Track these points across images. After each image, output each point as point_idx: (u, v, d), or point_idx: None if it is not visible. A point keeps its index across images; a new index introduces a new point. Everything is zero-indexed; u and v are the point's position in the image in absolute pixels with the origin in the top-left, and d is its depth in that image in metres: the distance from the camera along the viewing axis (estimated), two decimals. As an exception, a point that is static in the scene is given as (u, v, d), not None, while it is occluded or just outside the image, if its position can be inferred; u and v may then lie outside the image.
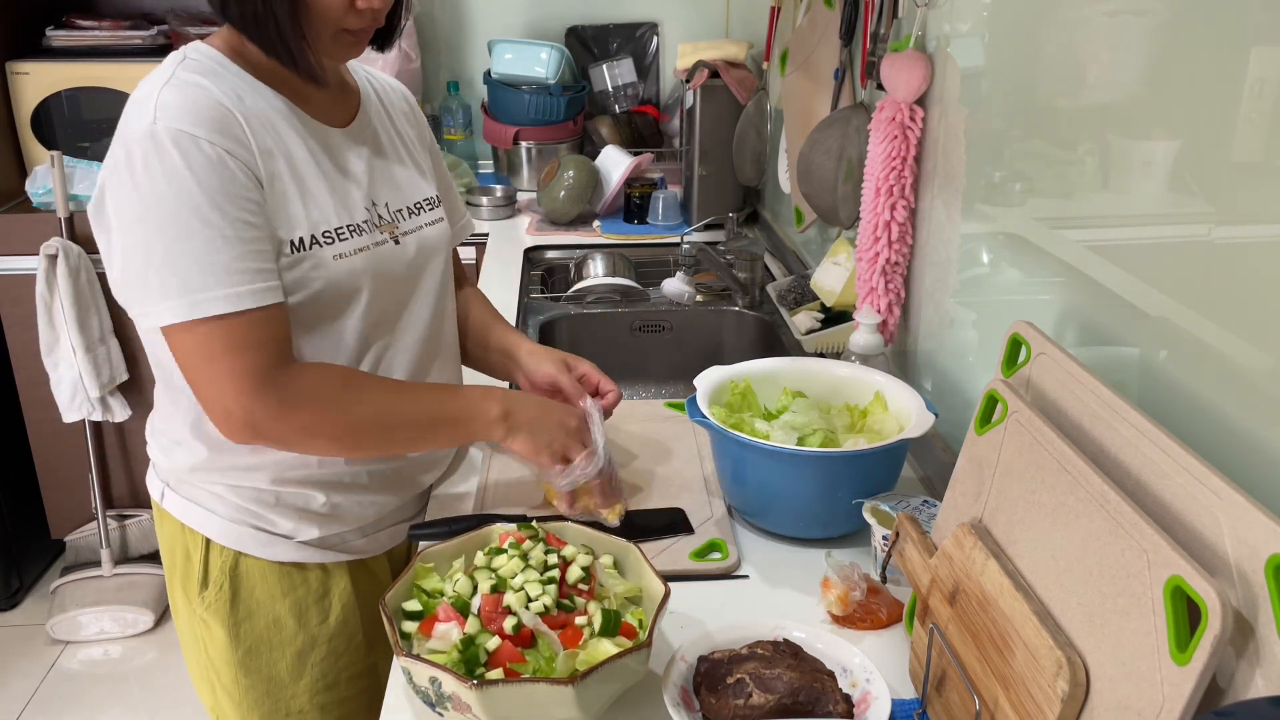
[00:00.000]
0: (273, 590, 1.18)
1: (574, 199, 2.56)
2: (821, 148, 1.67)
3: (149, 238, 0.98)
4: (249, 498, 1.15)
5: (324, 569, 1.21)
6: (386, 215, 1.16)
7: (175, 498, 1.18)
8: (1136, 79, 0.95)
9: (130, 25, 2.65)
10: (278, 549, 1.17)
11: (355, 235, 1.11)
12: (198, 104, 1.00)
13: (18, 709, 2.35)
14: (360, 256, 1.11)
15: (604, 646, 0.87)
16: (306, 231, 1.06)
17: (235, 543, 1.16)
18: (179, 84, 1.02)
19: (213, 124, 1.00)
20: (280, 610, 1.19)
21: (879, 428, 1.22)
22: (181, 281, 0.98)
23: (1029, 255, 1.17)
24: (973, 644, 0.82)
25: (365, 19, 1.05)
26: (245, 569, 1.17)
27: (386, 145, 1.21)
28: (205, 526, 1.16)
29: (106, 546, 2.60)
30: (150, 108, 0.99)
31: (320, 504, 1.17)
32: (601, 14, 3.04)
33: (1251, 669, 0.62)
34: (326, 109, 1.14)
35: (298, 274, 1.05)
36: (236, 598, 1.17)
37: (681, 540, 1.18)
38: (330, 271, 1.08)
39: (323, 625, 1.21)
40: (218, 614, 1.18)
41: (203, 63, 1.06)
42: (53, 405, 2.50)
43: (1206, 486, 0.68)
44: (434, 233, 1.23)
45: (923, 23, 1.41)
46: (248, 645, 1.19)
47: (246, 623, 1.18)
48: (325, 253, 1.07)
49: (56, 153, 2.40)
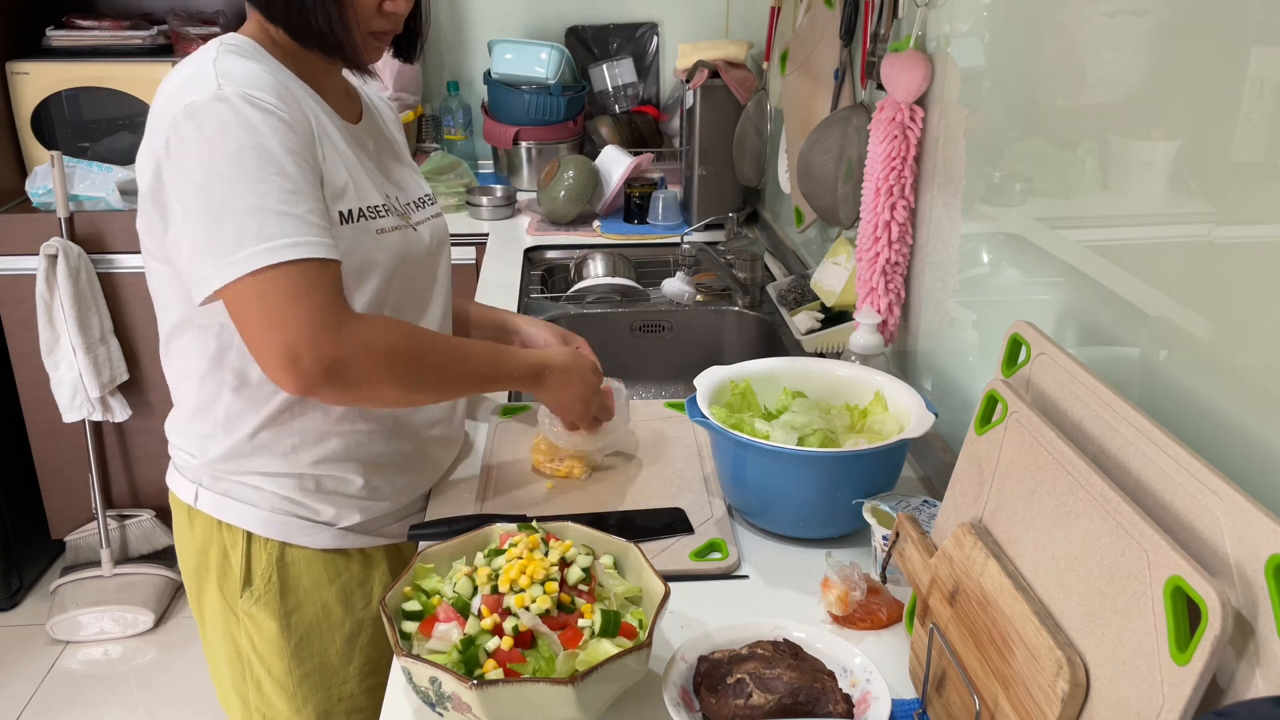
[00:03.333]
0: (319, 578, 1.21)
1: (574, 199, 2.56)
2: (821, 148, 1.67)
3: (226, 193, 0.99)
4: (289, 486, 1.17)
5: (364, 554, 1.24)
6: (400, 205, 1.21)
7: (211, 496, 1.19)
8: (1136, 79, 0.95)
9: (130, 25, 2.65)
10: (320, 536, 1.20)
11: (391, 215, 1.16)
12: (257, 75, 1.04)
13: (18, 709, 2.35)
14: (396, 234, 1.16)
15: (604, 647, 0.87)
16: (355, 204, 1.11)
17: (279, 533, 1.18)
18: (232, 61, 1.05)
19: (275, 93, 1.04)
20: (328, 597, 1.22)
21: (879, 428, 1.22)
22: (259, 228, 0.99)
23: (1029, 255, 1.17)
24: (973, 644, 0.82)
25: (390, 22, 1.11)
26: (291, 559, 1.19)
27: (386, 145, 1.26)
28: (246, 520, 1.18)
29: (106, 546, 2.60)
30: (212, 76, 1.02)
31: (359, 487, 1.20)
32: (601, 14, 3.04)
33: (1251, 669, 0.62)
34: (342, 105, 1.18)
35: (347, 244, 1.08)
36: (286, 588, 1.20)
37: (681, 540, 1.18)
38: (375, 244, 1.12)
39: (366, 610, 1.25)
40: (268, 607, 1.20)
41: (243, 48, 1.09)
42: (53, 405, 2.50)
43: (1206, 486, 0.68)
44: (440, 225, 1.29)
45: (923, 23, 1.41)
46: (300, 634, 1.22)
47: (297, 612, 1.21)
48: (371, 225, 1.12)
49: (56, 153, 2.40)
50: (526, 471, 1.33)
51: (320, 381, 1.01)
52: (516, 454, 1.38)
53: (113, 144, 2.59)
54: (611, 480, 1.31)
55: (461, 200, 2.71)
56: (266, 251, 0.98)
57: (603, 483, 1.31)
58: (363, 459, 1.20)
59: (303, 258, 0.99)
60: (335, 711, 1.26)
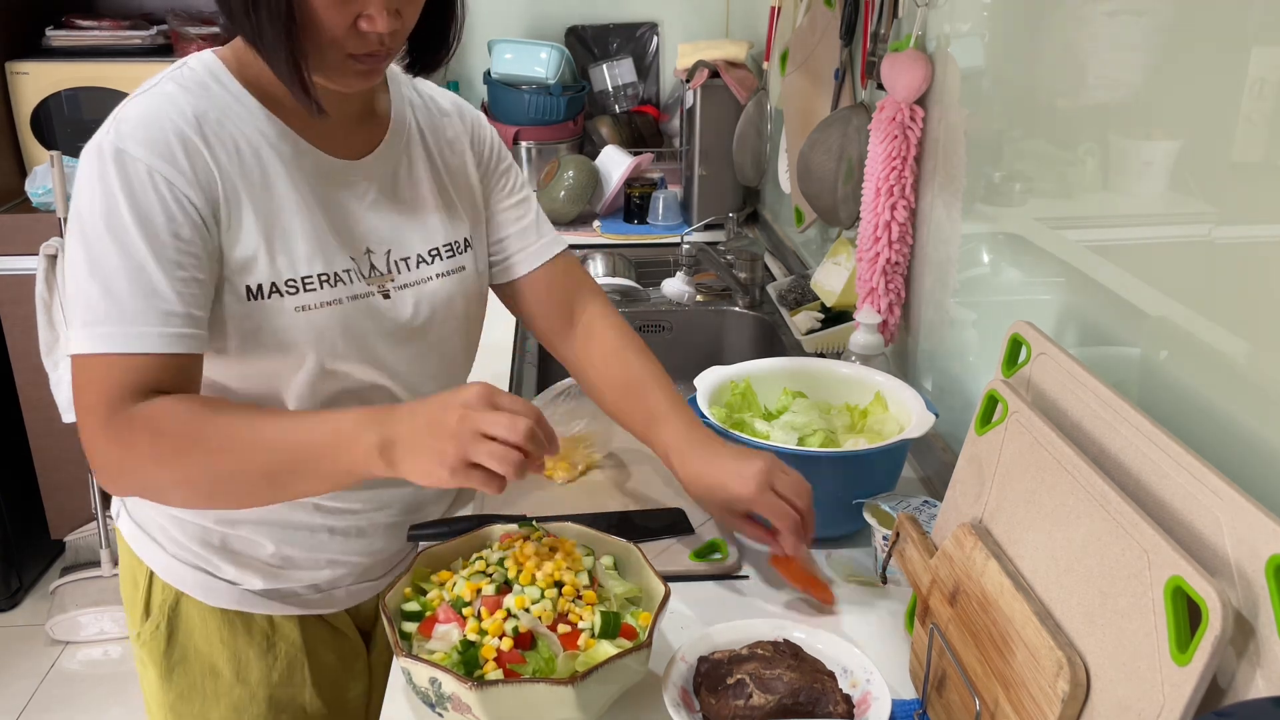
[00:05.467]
0: (211, 637, 1.10)
1: (574, 199, 2.56)
2: (821, 148, 1.67)
3: (76, 254, 0.90)
4: (193, 536, 1.07)
5: (270, 621, 1.11)
6: (382, 265, 1.03)
7: (128, 522, 1.12)
8: (1136, 79, 0.95)
9: (130, 25, 2.65)
10: (220, 595, 1.09)
11: (326, 286, 0.98)
12: (158, 123, 0.92)
13: (18, 709, 2.35)
14: (327, 311, 0.98)
15: (604, 647, 0.87)
16: (267, 279, 0.95)
17: (177, 581, 1.09)
18: (154, 96, 0.94)
19: (163, 149, 0.91)
20: (218, 660, 1.11)
21: (879, 428, 1.22)
22: (86, 305, 0.89)
23: (1029, 255, 1.17)
24: (973, 644, 0.82)
25: (370, 44, 0.91)
26: (185, 610, 1.09)
27: (406, 182, 1.07)
28: (151, 559, 1.10)
29: (106, 547, 2.60)
30: (111, 120, 0.93)
31: (269, 554, 1.07)
32: (601, 14, 3.04)
33: (1252, 669, 0.62)
34: (336, 138, 1.02)
35: (250, 322, 0.95)
36: (173, 639, 1.10)
37: (681, 540, 1.17)
38: (286, 322, 0.96)
39: (263, 682, 1.12)
40: (152, 652, 1.11)
41: (196, 75, 0.97)
42: (53, 405, 2.49)
43: (1206, 486, 0.68)
44: (445, 285, 1.08)
45: (923, 23, 1.40)
46: (179, 690, 1.12)
47: (180, 666, 1.11)
48: (286, 303, 0.96)
49: (56, 153, 2.40)
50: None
51: (104, 481, 0.94)
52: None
53: (113, 144, 2.59)
54: (611, 480, 1.31)
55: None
56: (81, 338, 0.90)
57: (603, 483, 1.31)
58: (277, 524, 1.07)
59: (104, 351, 0.89)
60: None
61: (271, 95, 0.98)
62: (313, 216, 0.98)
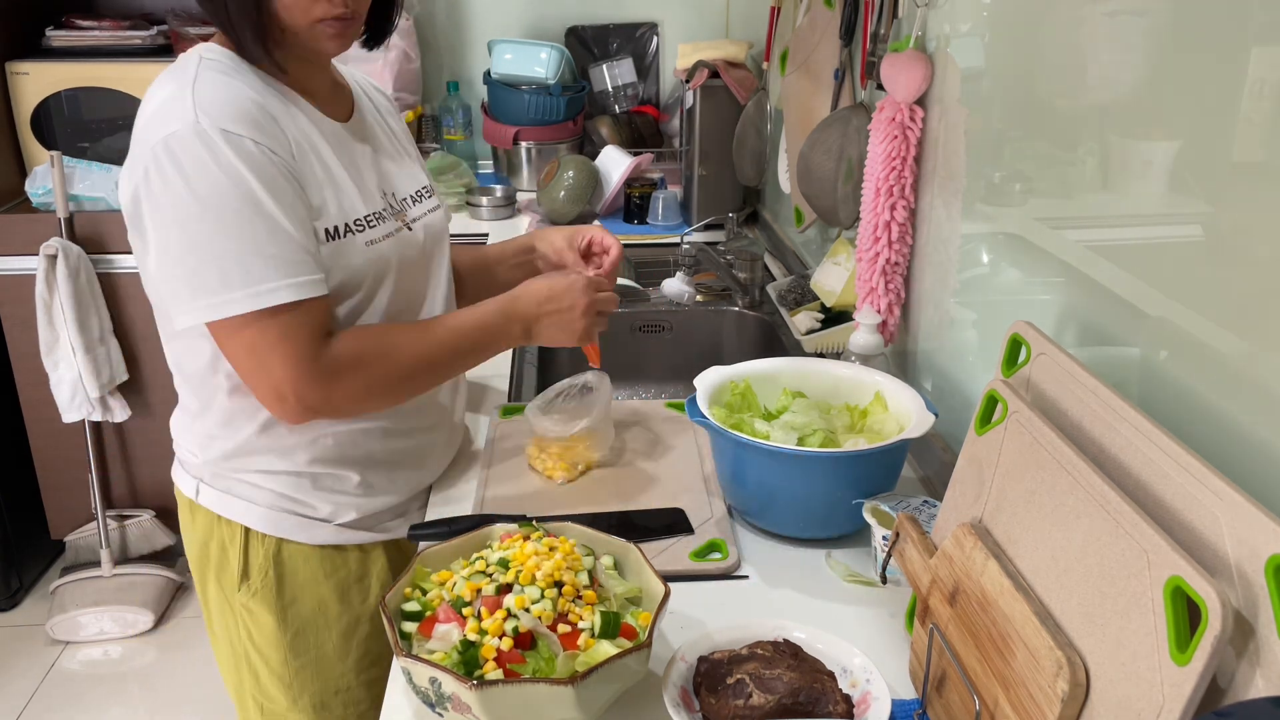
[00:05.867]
0: (315, 573, 1.22)
1: (574, 199, 2.56)
2: (821, 148, 1.67)
3: (207, 234, 1.00)
4: (286, 484, 1.18)
5: (362, 550, 1.25)
6: (395, 204, 1.20)
7: (211, 492, 1.20)
8: (1136, 79, 0.95)
9: (130, 25, 2.65)
10: (317, 532, 1.21)
11: (380, 223, 1.15)
12: (236, 102, 1.03)
13: (18, 709, 2.35)
14: (388, 243, 1.15)
15: (604, 647, 0.87)
16: (340, 220, 1.10)
17: (276, 529, 1.20)
18: (210, 84, 1.04)
19: (252, 122, 1.02)
20: (324, 592, 1.23)
21: (879, 428, 1.22)
22: (244, 273, 1.00)
23: (1029, 255, 1.17)
24: (973, 644, 0.82)
25: (337, 6, 1.04)
26: (288, 555, 1.21)
27: (383, 138, 1.25)
28: (245, 517, 1.19)
29: (106, 547, 2.60)
30: (189, 107, 1.01)
31: (355, 484, 1.21)
32: (601, 14, 3.04)
33: (1251, 669, 0.62)
34: (330, 104, 1.16)
35: (333, 261, 1.09)
36: (282, 583, 1.21)
37: (681, 540, 1.17)
38: (364, 257, 1.12)
39: (364, 604, 1.26)
40: (264, 601, 1.21)
41: (222, 62, 1.07)
42: (53, 405, 2.50)
43: (1206, 487, 0.68)
44: (437, 219, 1.27)
45: (923, 23, 1.41)
46: (296, 628, 1.23)
47: (293, 607, 1.22)
48: (358, 239, 1.11)
49: (56, 153, 2.40)
50: (526, 471, 1.33)
51: (307, 417, 1.09)
52: (516, 453, 1.37)
53: (112, 144, 2.59)
54: (611, 480, 1.31)
55: (461, 200, 2.71)
56: (250, 297, 1.01)
57: (603, 483, 1.31)
58: (358, 457, 1.20)
59: (284, 302, 1.02)
60: (332, 703, 1.28)
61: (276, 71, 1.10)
62: (347, 168, 1.13)
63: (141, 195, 1.03)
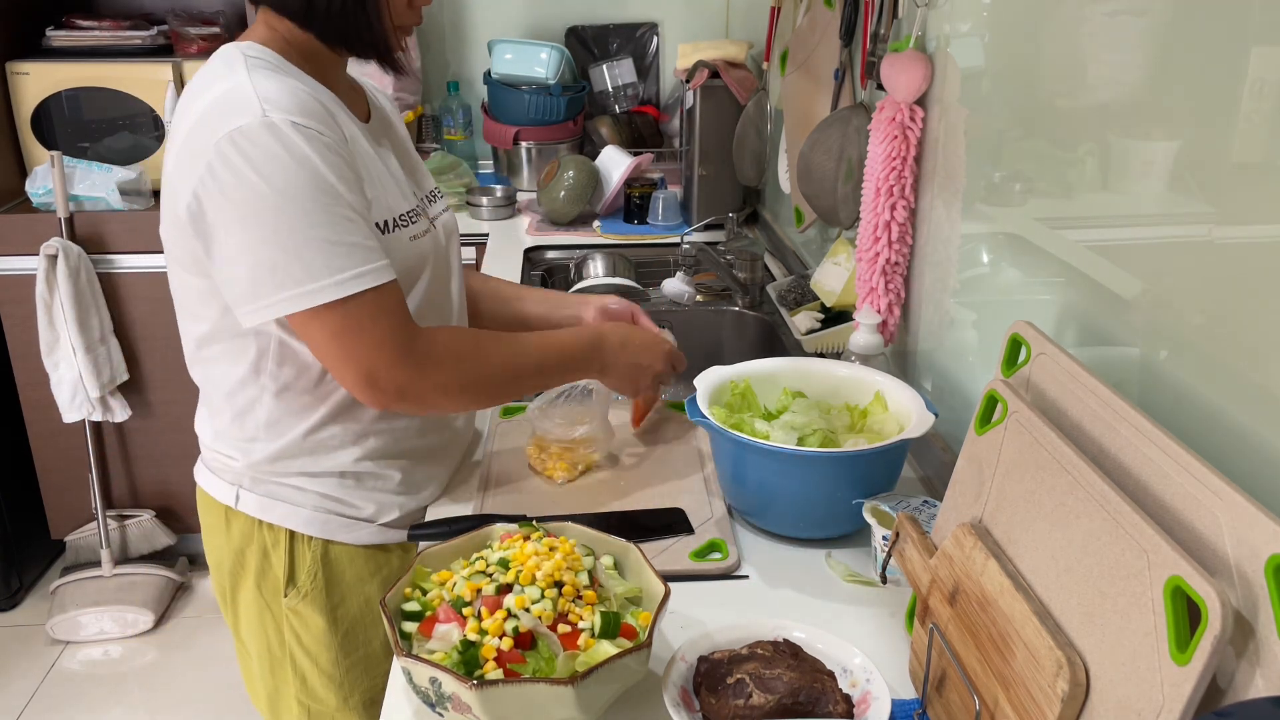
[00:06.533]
0: (361, 572, 1.23)
1: (574, 199, 2.56)
2: (821, 148, 1.67)
3: (286, 225, 1.00)
4: (331, 485, 1.19)
5: (403, 548, 1.27)
6: (422, 203, 1.22)
7: (252, 497, 1.20)
8: (1136, 79, 0.95)
9: (130, 25, 2.65)
10: (361, 533, 1.22)
11: (416, 220, 1.16)
12: (296, 96, 1.03)
13: (18, 709, 2.35)
14: (426, 239, 1.17)
15: (604, 647, 0.87)
16: (387, 215, 1.11)
17: (323, 531, 1.20)
18: (267, 78, 1.03)
19: (317, 116, 1.03)
20: (370, 590, 1.24)
21: (879, 428, 1.22)
22: (326, 261, 1.01)
23: (1029, 255, 1.17)
24: (973, 644, 0.82)
25: (416, 16, 1.12)
26: (334, 556, 1.21)
27: (398, 140, 1.26)
28: (290, 520, 1.19)
29: (106, 547, 2.60)
30: (254, 99, 1.00)
31: (397, 482, 1.22)
32: (601, 14, 3.04)
33: (1251, 669, 0.62)
34: (354, 104, 1.17)
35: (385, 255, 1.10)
36: (331, 584, 1.22)
37: (681, 540, 1.18)
38: (409, 252, 1.13)
39: None
40: (314, 603, 1.21)
41: (266, 60, 1.07)
42: (53, 405, 2.50)
43: (1207, 487, 0.68)
44: (450, 219, 1.29)
45: (923, 23, 1.41)
46: (346, 627, 1.24)
47: (342, 606, 1.23)
48: (404, 235, 1.13)
49: (56, 153, 2.40)
50: (526, 471, 1.33)
51: (395, 402, 1.09)
52: (516, 453, 1.38)
53: (113, 144, 2.59)
54: (611, 480, 1.31)
55: (462, 200, 2.71)
56: (336, 285, 1.01)
57: (603, 483, 1.31)
58: (401, 453, 1.22)
59: (370, 287, 1.03)
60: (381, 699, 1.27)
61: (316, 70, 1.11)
62: (385, 165, 1.15)
63: (206, 192, 1.00)
